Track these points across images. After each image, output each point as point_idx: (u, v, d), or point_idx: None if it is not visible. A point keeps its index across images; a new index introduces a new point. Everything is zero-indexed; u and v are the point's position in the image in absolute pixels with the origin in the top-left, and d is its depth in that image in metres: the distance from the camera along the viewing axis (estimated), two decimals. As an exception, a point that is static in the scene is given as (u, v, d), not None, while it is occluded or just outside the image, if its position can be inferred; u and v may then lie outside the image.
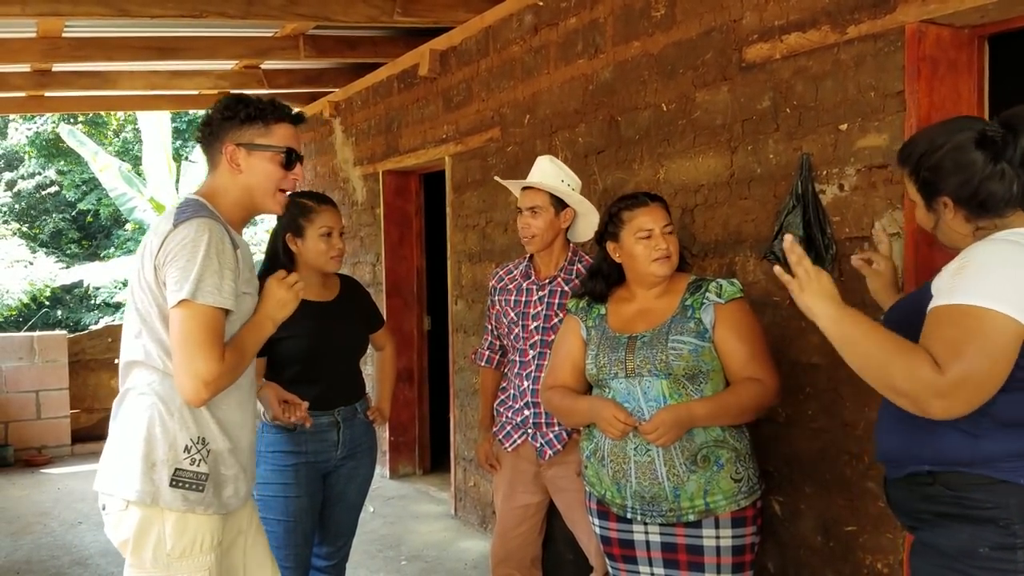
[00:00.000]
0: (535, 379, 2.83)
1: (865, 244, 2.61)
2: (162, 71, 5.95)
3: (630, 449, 2.24)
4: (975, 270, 1.62)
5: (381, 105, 5.89)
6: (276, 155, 2.04)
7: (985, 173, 1.69)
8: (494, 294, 3.04)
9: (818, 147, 2.74)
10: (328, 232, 2.76)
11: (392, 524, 5.06)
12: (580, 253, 2.93)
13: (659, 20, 3.37)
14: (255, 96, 2.07)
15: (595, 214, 2.88)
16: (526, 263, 2.98)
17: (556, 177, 2.84)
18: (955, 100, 2.55)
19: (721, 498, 2.23)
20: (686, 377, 2.24)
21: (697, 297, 2.34)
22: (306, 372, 2.75)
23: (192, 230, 1.89)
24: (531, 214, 2.83)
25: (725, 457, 2.25)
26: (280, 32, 5.11)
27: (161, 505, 1.92)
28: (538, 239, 2.84)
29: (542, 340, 2.83)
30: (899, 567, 2.55)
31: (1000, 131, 1.70)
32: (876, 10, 2.54)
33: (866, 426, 2.62)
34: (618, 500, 2.30)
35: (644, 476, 2.22)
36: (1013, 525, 1.62)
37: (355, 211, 6.40)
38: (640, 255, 2.34)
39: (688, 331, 2.28)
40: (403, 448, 6.09)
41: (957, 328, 1.58)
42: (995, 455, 1.65)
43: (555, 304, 2.84)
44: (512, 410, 2.92)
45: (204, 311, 1.86)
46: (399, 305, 5.96)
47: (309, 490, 2.76)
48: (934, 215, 1.81)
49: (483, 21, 4.57)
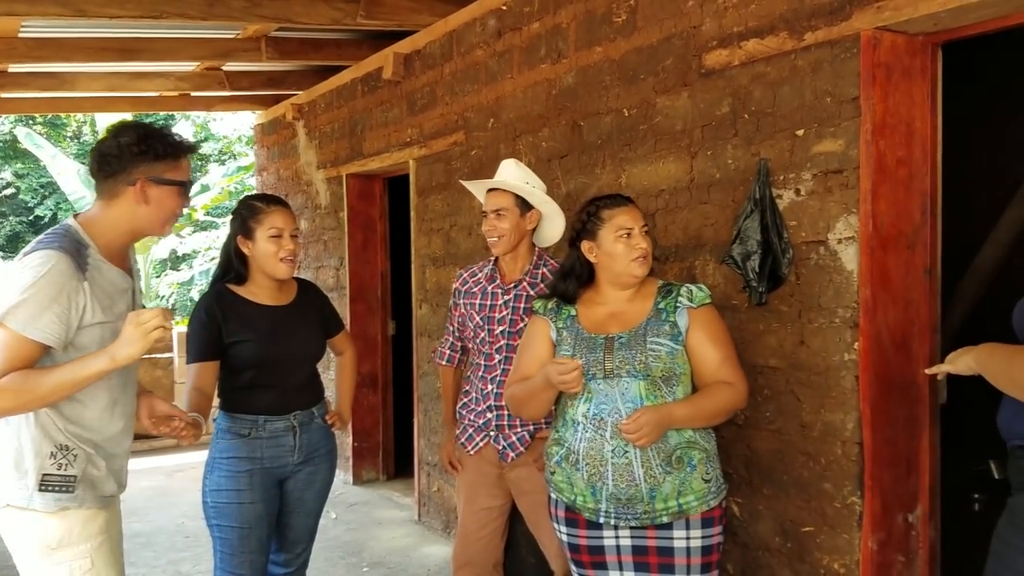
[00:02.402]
0: (500, 383, 2.82)
1: (821, 248, 2.64)
2: (122, 72, 5.86)
3: (608, 451, 2.23)
4: None
5: (345, 108, 5.86)
6: (180, 188, 2.16)
7: None
8: (457, 296, 3.02)
9: (775, 152, 2.77)
10: (278, 234, 2.73)
11: (354, 530, 5.03)
12: (545, 257, 2.92)
13: (620, 26, 3.39)
14: (154, 125, 2.18)
15: (561, 216, 2.88)
16: (491, 266, 2.96)
17: (521, 179, 2.84)
18: (909, 106, 2.60)
19: (693, 499, 2.25)
20: (662, 379, 2.25)
21: (669, 301, 2.35)
22: (260, 377, 2.72)
23: (36, 260, 1.97)
24: (496, 216, 2.82)
25: (697, 458, 2.26)
26: (242, 34, 5.06)
27: (35, 507, 2.04)
28: (504, 241, 2.82)
29: (508, 344, 2.83)
30: (855, 567, 2.58)
31: None
32: (832, 17, 2.58)
33: (822, 427, 2.66)
34: (591, 504, 2.28)
35: (621, 478, 2.22)
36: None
37: (318, 215, 6.35)
38: (620, 254, 2.34)
39: (664, 334, 2.29)
40: (367, 453, 6.05)
41: None
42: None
43: (520, 308, 2.83)
44: (475, 412, 2.91)
45: (10, 334, 1.94)
46: (363, 310, 5.93)
47: (264, 496, 2.73)
48: None
49: (447, 25, 4.57)
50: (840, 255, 2.59)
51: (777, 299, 2.79)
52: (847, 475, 2.59)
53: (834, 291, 2.62)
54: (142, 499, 5.80)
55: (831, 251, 2.62)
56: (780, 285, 2.77)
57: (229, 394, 2.76)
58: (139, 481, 6.33)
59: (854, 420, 2.56)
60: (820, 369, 2.66)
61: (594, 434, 2.25)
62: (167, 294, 14.95)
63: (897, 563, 2.63)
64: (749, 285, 2.82)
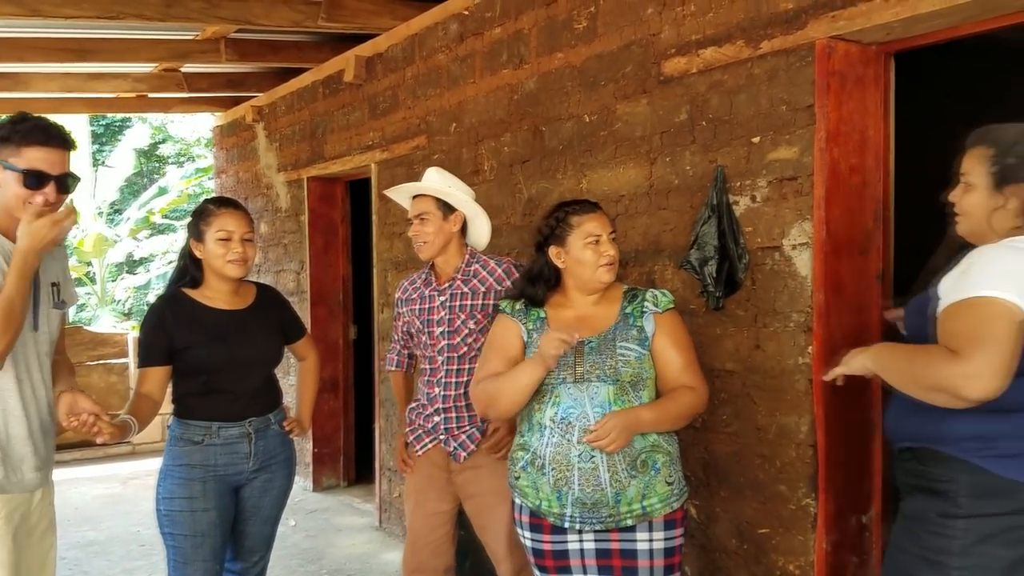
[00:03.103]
0: (445, 385, 2.83)
1: (776, 254, 2.68)
2: (78, 73, 5.76)
3: (574, 456, 2.23)
4: (980, 268, 1.79)
5: (306, 111, 5.82)
6: (19, 176, 2.17)
7: None
8: (400, 305, 3.04)
9: (732, 159, 2.80)
10: (227, 236, 2.69)
11: (314, 537, 4.98)
12: (478, 255, 2.92)
13: (581, 32, 3.42)
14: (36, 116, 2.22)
15: (485, 216, 2.90)
16: (427, 271, 2.98)
17: (443, 183, 2.87)
18: (862, 114, 2.65)
19: (656, 501, 2.26)
20: (630, 383, 2.27)
21: (636, 306, 2.36)
22: (213, 382, 2.68)
23: None
24: (419, 221, 2.85)
25: (661, 461, 2.28)
26: (201, 35, 5.00)
27: None
28: (429, 245, 2.85)
29: (448, 344, 2.83)
30: (810, 568, 2.62)
31: None
32: (788, 27, 2.62)
33: (777, 430, 2.69)
34: (556, 509, 2.28)
35: (587, 483, 2.22)
36: (959, 498, 1.82)
37: (279, 218, 6.30)
38: (588, 261, 2.35)
39: (632, 338, 2.31)
40: (327, 459, 6.00)
41: (970, 318, 1.75)
42: (956, 435, 1.83)
43: (456, 307, 2.84)
44: (423, 416, 2.91)
45: None
46: (324, 314, 5.88)
47: (218, 504, 2.69)
48: (1000, 199, 1.89)
49: (409, 29, 4.56)
50: (794, 261, 2.64)
51: (733, 304, 2.82)
52: (801, 477, 2.63)
53: (788, 296, 2.66)
54: (96, 506, 5.69)
55: (785, 257, 2.66)
56: (736, 290, 2.80)
57: (182, 400, 2.72)
58: (93, 488, 6.22)
59: (808, 423, 2.60)
60: (775, 373, 2.70)
61: (561, 439, 2.25)
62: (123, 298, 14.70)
63: (851, 564, 2.67)
64: (706, 290, 2.86)
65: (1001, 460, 1.79)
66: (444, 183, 2.88)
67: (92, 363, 7.47)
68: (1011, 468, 1.78)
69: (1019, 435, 1.80)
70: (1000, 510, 1.78)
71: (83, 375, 6.79)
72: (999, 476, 1.78)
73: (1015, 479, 1.78)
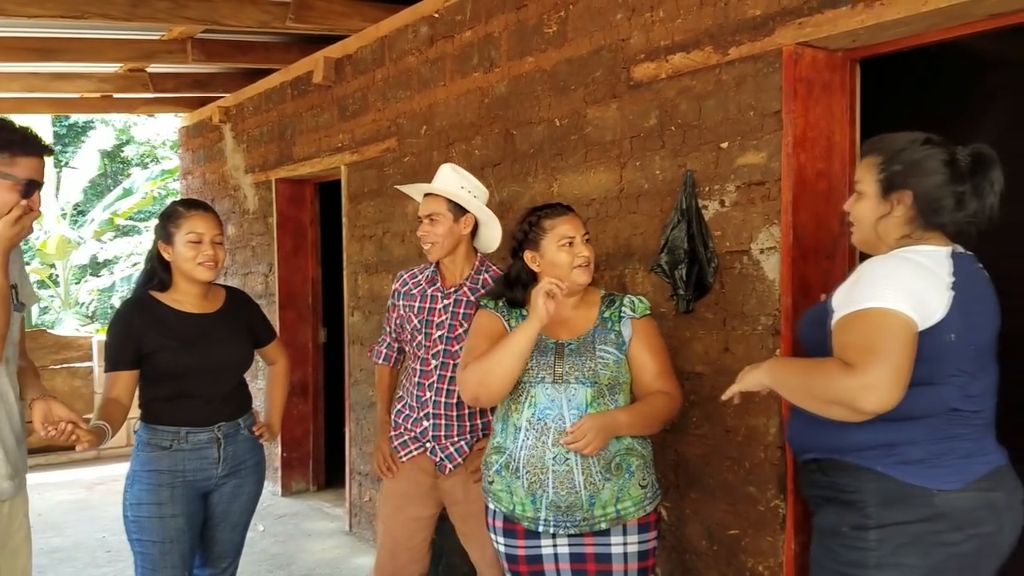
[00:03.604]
0: (437, 390, 2.79)
1: (744, 258, 2.71)
2: (42, 73, 5.68)
3: (548, 459, 2.23)
4: (869, 279, 1.80)
5: (274, 112, 5.77)
6: (15, 184, 2.12)
7: (948, 187, 1.86)
8: (396, 297, 2.97)
9: (701, 164, 2.83)
10: (197, 239, 2.66)
11: (283, 543, 4.94)
12: (487, 263, 2.89)
13: (551, 37, 3.43)
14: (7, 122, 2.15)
15: (496, 222, 2.85)
16: (432, 269, 2.92)
17: (456, 184, 2.81)
18: (829, 120, 2.68)
19: (630, 504, 2.27)
20: (607, 387, 2.28)
21: (613, 311, 2.38)
22: (182, 387, 2.65)
23: None
24: (429, 221, 2.79)
25: (635, 464, 2.29)
26: (167, 35, 4.94)
27: None
28: (437, 247, 2.80)
29: (445, 350, 2.80)
30: (779, 569, 2.65)
31: (968, 159, 1.87)
32: (755, 33, 2.66)
33: (746, 432, 2.72)
34: (530, 513, 2.28)
35: (562, 486, 2.22)
36: (868, 508, 1.82)
37: (246, 220, 6.24)
38: (563, 263, 2.35)
39: (610, 342, 2.33)
40: (296, 464, 5.95)
41: (863, 330, 1.75)
42: (859, 444, 1.84)
43: (460, 314, 2.80)
44: (411, 420, 2.85)
45: None
46: (293, 317, 5.84)
47: (186, 510, 2.66)
48: (886, 206, 1.91)
49: (378, 31, 4.55)
50: (762, 264, 2.67)
51: (703, 307, 2.85)
52: (770, 479, 2.66)
53: (757, 299, 2.69)
54: (61, 512, 5.60)
55: (754, 260, 2.69)
56: (706, 293, 2.83)
57: (150, 405, 2.68)
58: (58, 494, 6.12)
59: (776, 425, 2.63)
60: (744, 375, 2.72)
61: (536, 440, 2.25)
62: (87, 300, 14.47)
63: (818, 563, 2.71)
64: (677, 293, 2.88)
65: (906, 466, 1.80)
66: (457, 183, 2.81)
67: (56, 367, 7.35)
68: (916, 474, 1.79)
69: (921, 441, 1.81)
70: (910, 518, 1.78)
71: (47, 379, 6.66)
72: (905, 483, 1.79)
73: (921, 485, 1.78)
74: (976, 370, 1.83)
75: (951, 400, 1.80)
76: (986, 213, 1.87)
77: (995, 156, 1.88)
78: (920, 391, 1.76)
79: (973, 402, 1.82)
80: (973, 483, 1.80)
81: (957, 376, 1.80)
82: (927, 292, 1.76)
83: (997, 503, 1.83)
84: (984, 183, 1.85)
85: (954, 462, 1.80)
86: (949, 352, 1.78)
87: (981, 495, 1.81)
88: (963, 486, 1.79)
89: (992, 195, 1.86)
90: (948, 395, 1.80)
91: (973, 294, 1.84)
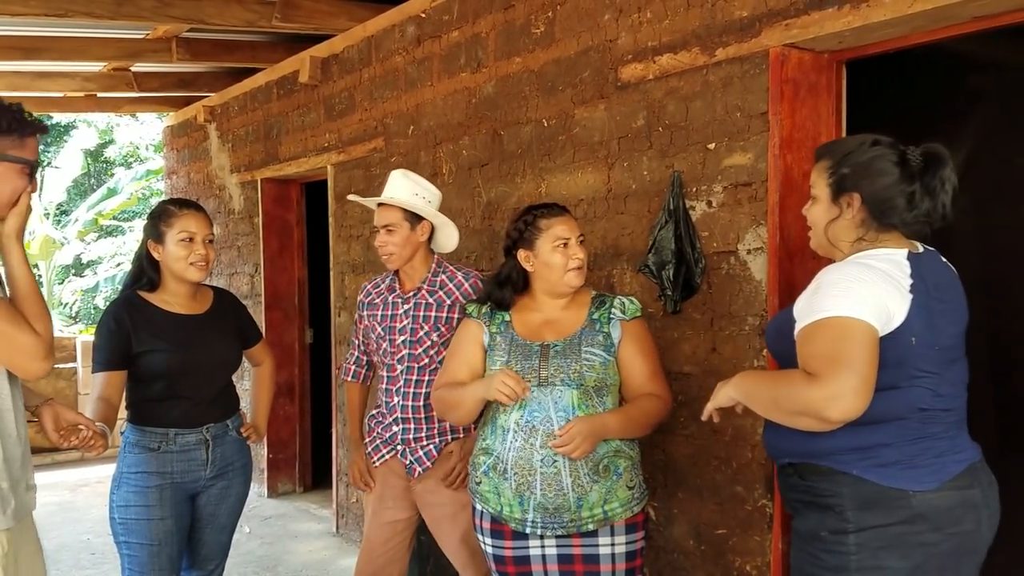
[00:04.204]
0: (404, 394, 2.80)
1: (731, 258, 2.72)
2: (25, 72, 5.63)
3: (536, 460, 2.23)
4: (828, 288, 1.79)
5: (260, 111, 5.75)
6: (25, 167, 2.02)
7: (901, 185, 1.86)
8: (362, 308, 2.99)
9: (688, 165, 2.84)
10: (188, 237, 2.65)
11: (270, 544, 4.91)
12: (444, 264, 2.90)
13: (539, 37, 3.43)
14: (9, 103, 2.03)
15: (452, 225, 2.87)
16: (391, 277, 2.94)
17: (410, 191, 2.80)
18: (815, 121, 2.69)
19: (618, 505, 2.27)
20: (594, 389, 2.27)
21: (603, 312, 2.37)
22: (171, 388, 2.63)
23: None
24: (386, 232, 2.79)
25: (623, 466, 2.29)
26: (152, 34, 4.91)
27: None
28: (396, 256, 2.80)
29: (409, 354, 2.80)
30: (767, 568, 2.66)
31: (919, 159, 1.87)
32: (743, 34, 2.66)
33: (734, 432, 2.73)
34: (517, 515, 2.28)
35: (549, 487, 2.22)
36: (846, 511, 1.81)
37: (232, 220, 6.21)
38: (557, 264, 2.35)
39: (597, 344, 2.31)
40: (282, 465, 5.93)
41: (824, 340, 1.74)
42: (834, 448, 1.83)
43: (420, 317, 2.80)
44: (381, 425, 2.88)
45: None
46: (279, 317, 5.81)
47: (175, 512, 2.64)
48: (836, 210, 1.93)
49: (365, 30, 4.53)
50: (749, 265, 2.68)
51: (691, 307, 2.86)
52: (757, 478, 2.67)
53: (744, 299, 2.70)
54: (44, 514, 5.50)
55: (741, 261, 2.70)
56: (693, 294, 2.84)
57: (138, 406, 2.67)
58: (41, 496, 5.96)
59: (763, 424, 2.63)
60: (731, 375, 2.71)
61: (524, 443, 2.25)
62: (71, 301, 14.36)
63: (805, 562, 2.72)
64: (664, 294, 2.89)
65: (882, 469, 1.80)
66: (411, 190, 2.81)
67: (39, 368, 7.27)
68: (892, 476, 1.79)
69: (895, 443, 1.80)
70: (888, 520, 1.78)
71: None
72: (881, 485, 1.79)
73: (897, 487, 1.78)
74: (942, 369, 1.82)
75: (920, 401, 1.79)
76: (939, 212, 1.87)
77: (947, 154, 1.88)
78: (887, 395, 1.76)
79: (942, 400, 1.82)
80: (949, 482, 1.80)
81: (923, 377, 1.79)
82: (886, 297, 1.75)
83: (974, 500, 1.84)
84: (934, 182, 1.85)
85: (929, 462, 1.80)
86: (911, 355, 1.77)
87: (958, 493, 1.81)
88: (939, 485, 1.79)
89: (944, 194, 1.86)
90: (916, 397, 1.79)
91: (936, 294, 1.83)
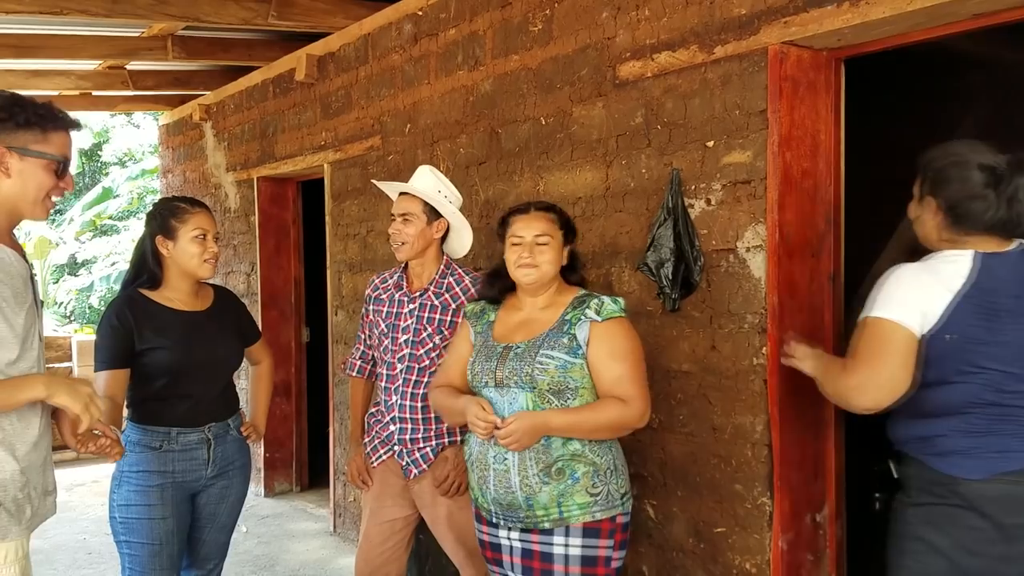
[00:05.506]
0: (403, 394, 2.79)
1: (730, 256, 2.72)
2: (18, 70, 5.60)
3: (490, 457, 2.28)
4: (884, 289, 1.98)
5: (256, 109, 5.73)
6: (51, 163, 1.97)
7: (975, 192, 1.95)
8: (368, 302, 2.97)
9: (687, 163, 2.83)
10: (202, 235, 2.65)
11: (267, 544, 4.90)
12: (453, 266, 2.88)
13: (536, 35, 3.42)
14: (30, 98, 1.98)
15: (468, 230, 2.87)
16: (400, 273, 2.92)
17: (434, 187, 2.80)
18: (814, 118, 2.69)
19: (575, 508, 2.24)
20: (551, 391, 2.24)
21: (576, 313, 2.33)
22: (174, 386, 2.62)
23: None
24: (402, 221, 2.78)
25: (581, 471, 2.24)
26: (147, 32, 4.89)
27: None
28: (407, 247, 2.79)
29: (411, 354, 2.79)
30: (766, 566, 2.66)
31: (1005, 165, 1.95)
32: (741, 32, 2.66)
33: (733, 430, 2.73)
34: (484, 505, 2.36)
35: (500, 484, 2.27)
36: (911, 490, 2.05)
37: (228, 218, 6.19)
38: (509, 261, 2.38)
39: (560, 346, 2.27)
40: (279, 464, 5.91)
41: (866, 336, 1.97)
42: (908, 437, 2.04)
43: (424, 318, 2.79)
44: (380, 424, 2.87)
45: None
46: (276, 316, 5.80)
47: (176, 511, 2.63)
48: (920, 211, 2.09)
49: (362, 28, 4.52)
50: (749, 263, 2.67)
51: (690, 305, 2.85)
52: (757, 476, 2.67)
53: (743, 297, 2.69)
54: (40, 516, 5.53)
55: (740, 259, 2.70)
56: (692, 292, 2.83)
57: (140, 404, 2.65)
58: (36, 497, 6.05)
59: (763, 423, 2.64)
60: (730, 373, 2.73)
61: (481, 440, 2.31)
62: (66, 300, 14.32)
63: (806, 562, 2.72)
64: (663, 292, 2.88)
65: (937, 457, 1.98)
66: (435, 186, 2.81)
67: (34, 368, 7.26)
68: (946, 464, 1.96)
69: (952, 435, 1.96)
70: (936, 501, 1.97)
71: (24, 380, 6.59)
72: (936, 470, 1.97)
73: (948, 473, 1.95)
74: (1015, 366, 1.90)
75: (975, 395, 1.91)
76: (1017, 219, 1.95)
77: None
78: (940, 390, 1.93)
79: (1014, 397, 1.91)
80: (1002, 475, 1.91)
81: (979, 373, 1.90)
82: (926, 300, 1.91)
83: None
84: (1012, 190, 1.93)
85: (986, 455, 1.92)
86: (950, 351, 1.90)
87: (1012, 487, 1.90)
88: (988, 476, 1.91)
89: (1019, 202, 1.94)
90: (970, 391, 1.91)
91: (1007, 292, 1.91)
